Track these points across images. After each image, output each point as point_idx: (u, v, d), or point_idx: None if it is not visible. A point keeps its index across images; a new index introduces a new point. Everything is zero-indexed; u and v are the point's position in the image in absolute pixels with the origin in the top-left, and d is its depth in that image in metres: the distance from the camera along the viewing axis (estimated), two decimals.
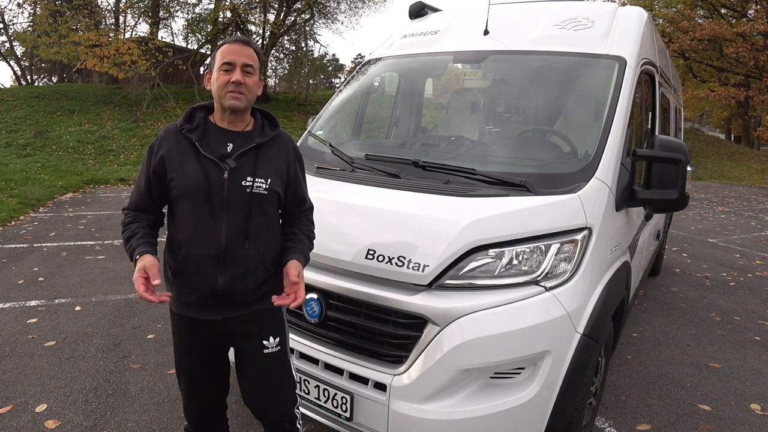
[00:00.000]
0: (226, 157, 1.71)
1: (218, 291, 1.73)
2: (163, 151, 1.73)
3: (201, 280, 1.72)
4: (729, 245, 8.07)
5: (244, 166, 1.72)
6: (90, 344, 3.64)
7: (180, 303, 1.79)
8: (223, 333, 1.82)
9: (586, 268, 2.13)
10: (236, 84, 1.67)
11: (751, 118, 27.99)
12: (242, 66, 1.69)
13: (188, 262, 1.72)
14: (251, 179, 1.72)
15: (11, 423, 2.71)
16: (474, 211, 2.10)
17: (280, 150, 1.83)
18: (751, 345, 4.19)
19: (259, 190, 1.73)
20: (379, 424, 2.05)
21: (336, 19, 23.78)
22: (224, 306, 1.77)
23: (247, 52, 1.71)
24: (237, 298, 1.77)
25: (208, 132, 1.76)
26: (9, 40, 26.99)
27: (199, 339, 1.83)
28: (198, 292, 1.74)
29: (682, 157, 2.37)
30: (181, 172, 1.70)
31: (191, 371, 1.88)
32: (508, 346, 1.95)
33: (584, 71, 2.89)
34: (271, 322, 1.88)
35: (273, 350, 1.87)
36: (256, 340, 1.85)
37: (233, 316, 1.79)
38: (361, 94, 3.76)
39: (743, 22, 22.10)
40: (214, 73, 1.72)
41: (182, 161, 1.71)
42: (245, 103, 1.72)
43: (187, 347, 1.86)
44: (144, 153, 10.40)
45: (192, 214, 1.70)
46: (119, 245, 6.34)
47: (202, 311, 1.77)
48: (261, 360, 1.87)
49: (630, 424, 2.95)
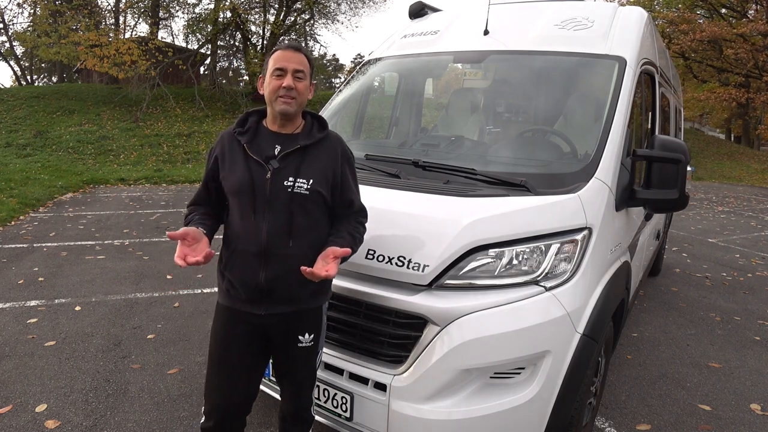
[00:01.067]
0: (272, 158, 1.79)
1: (261, 286, 1.79)
2: (217, 152, 1.86)
3: (246, 276, 1.80)
4: (729, 245, 8.07)
5: (287, 166, 1.78)
6: (90, 344, 3.64)
7: (228, 296, 1.88)
8: (265, 328, 1.87)
9: (586, 268, 2.13)
10: (287, 89, 1.75)
11: (751, 118, 27.99)
12: (293, 71, 1.76)
13: (236, 258, 1.82)
14: (293, 179, 1.77)
15: (11, 423, 2.71)
16: (474, 211, 2.10)
17: (328, 152, 1.87)
18: (751, 345, 4.19)
19: (300, 190, 1.77)
20: (379, 424, 2.05)
21: (336, 20, 23.80)
22: (268, 301, 1.83)
23: (297, 58, 1.78)
24: (280, 295, 1.82)
25: (258, 135, 1.84)
26: (9, 40, 27.00)
27: (241, 331, 1.88)
28: (244, 286, 1.81)
29: (682, 157, 2.37)
30: (230, 172, 1.81)
31: (227, 363, 1.90)
32: (508, 346, 1.95)
33: (584, 71, 2.89)
34: (310, 321, 1.92)
35: (306, 345, 1.92)
36: (292, 335, 1.90)
37: (276, 312, 1.84)
38: (361, 94, 3.76)
39: (743, 23, 22.10)
40: (267, 78, 1.80)
41: (232, 162, 1.81)
42: (295, 107, 1.79)
43: (228, 339, 1.89)
44: (144, 153, 10.47)
45: (238, 213, 1.81)
46: (119, 245, 6.34)
47: (248, 305, 1.84)
48: (295, 353, 1.92)
49: (630, 424, 2.95)
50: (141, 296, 4.63)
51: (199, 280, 5.10)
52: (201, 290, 4.83)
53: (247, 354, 1.91)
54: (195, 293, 4.76)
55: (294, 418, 2.06)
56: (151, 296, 4.64)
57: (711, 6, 24.50)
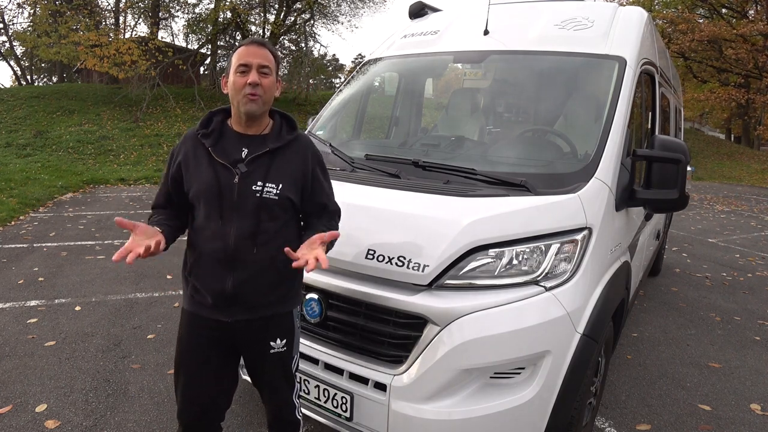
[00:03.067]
0: (239, 161, 1.71)
1: (227, 293, 1.74)
2: (180, 156, 1.77)
3: (212, 282, 1.74)
4: (729, 245, 8.07)
5: (255, 170, 1.72)
6: (90, 344, 3.64)
7: (193, 301, 1.82)
8: (232, 335, 1.81)
9: (586, 268, 2.13)
10: (252, 85, 1.66)
11: (751, 118, 27.99)
12: (258, 67, 1.68)
13: (201, 264, 1.76)
14: (261, 184, 1.71)
15: (11, 423, 2.71)
16: (474, 211, 2.10)
17: (298, 154, 1.80)
18: (751, 345, 4.19)
19: (269, 195, 1.72)
20: (379, 424, 2.05)
21: (336, 20, 23.81)
22: (234, 308, 1.77)
23: (261, 53, 1.70)
24: (246, 301, 1.77)
25: (223, 136, 1.76)
26: (9, 40, 27.00)
27: (206, 338, 1.82)
28: (209, 292, 1.76)
29: (682, 157, 2.37)
30: (194, 177, 1.73)
31: (191, 370, 1.85)
32: (508, 346, 1.95)
33: (584, 71, 2.89)
34: (281, 326, 1.87)
35: (278, 350, 1.87)
36: (264, 342, 1.85)
37: (243, 319, 1.79)
38: (361, 94, 3.77)
39: (743, 23, 22.10)
40: (231, 76, 1.71)
41: (197, 165, 1.73)
42: (261, 105, 1.71)
43: (192, 345, 1.84)
44: (144, 153, 10.39)
45: (204, 218, 1.73)
46: (119, 245, 6.33)
47: (213, 311, 1.78)
48: (266, 359, 1.87)
49: (630, 424, 2.95)
50: (141, 296, 4.63)
51: None
52: None
53: (213, 360, 1.84)
54: None
55: (279, 422, 2.00)
56: (151, 296, 4.64)
57: (711, 6, 24.49)
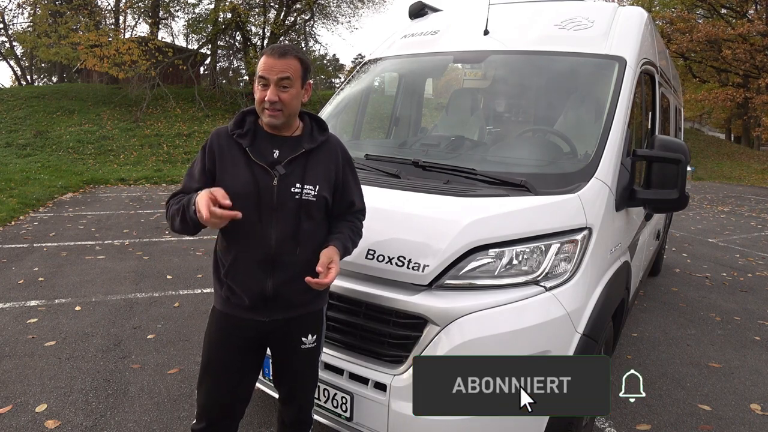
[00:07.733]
0: (276, 163, 1.73)
1: (267, 294, 1.75)
2: (215, 151, 1.75)
3: (251, 283, 1.75)
4: (729, 245, 8.07)
5: (293, 172, 1.73)
6: (90, 344, 3.64)
7: (229, 303, 1.81)
8: (266, 332, 1.84)
9: (586, 268, 2.13)
10: (271, 103, 1.67)
11: (750, 118, 27.98)
12: (277, 81, 1.67)
13: (238, 265, 1.75)
14: (300, 186, 1.73)
15: (11, 423, 2.71)
16: (474, 211, 2.10)
17: (329, 154, 1.83)
18: (751, 345, 4.19)
19: (308, 197, 1.74)
20: (379, 424, 2.05)
21: (336, 21, 23.79)
22: (272, 308, 1.79)
23: (281, 65, 1.66)
24: (285, 301, 1.79)
25: (258, 137, 1.77)
26: (9, 40, 26.97)
27: (241, 338, 1.84)
28: (247, 294, 1.76)
29: (682, 157, 2.37)
30: (230, 175, 1.72)
31: (219, 371, 1.87)
32: (508, 346, 1.95)
33: (584, 71, 2.89)
34: (314, 323, 1.91)
35: (309, 346, 1.90)
36: (296, 339, 1.87)
37: (280, 318, 1.82)
38: (361, 94, 3.76)
39: (743, 23, 22.10)
40: (255, 84, 1.72)
41: (233, 165, 1.73)
42: (282, 119, 1.72)
43: (223, 346, 1.85)
44: (144, 153, 10.39)
45: (241, 219, 1.68)
46: (119, 245, 6.34)
47: (250, 312, 1.79)
48: (297, 355, 1.89)
49: (630, 424, 2.95)
50: (141, 296, 4.62)
51: (199, 280, 5.10)
52: (201, 290, 4.83)
53: (242, 359, 1.87)
54: (195, 293, 4.75)
55: (294, 421, 2.03)
56: (151, 296, 4.64)
57: (711, 6, 24.49)
